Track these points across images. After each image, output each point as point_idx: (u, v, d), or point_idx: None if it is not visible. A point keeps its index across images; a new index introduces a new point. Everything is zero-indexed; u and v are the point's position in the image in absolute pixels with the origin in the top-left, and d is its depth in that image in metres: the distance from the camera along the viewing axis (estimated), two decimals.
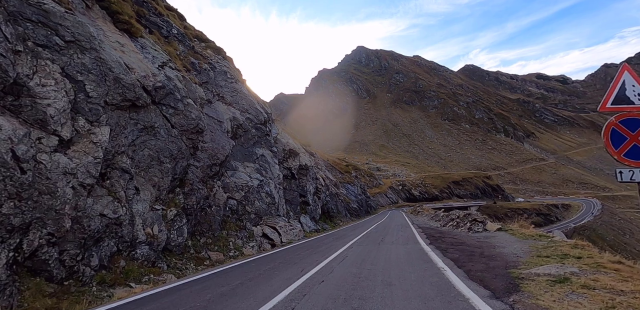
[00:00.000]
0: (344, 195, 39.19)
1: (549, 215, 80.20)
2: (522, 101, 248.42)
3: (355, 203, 40.83)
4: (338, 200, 31.80)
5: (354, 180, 50.90)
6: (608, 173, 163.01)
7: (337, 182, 37.29)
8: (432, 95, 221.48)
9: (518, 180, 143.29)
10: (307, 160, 22.45)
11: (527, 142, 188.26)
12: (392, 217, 31.38)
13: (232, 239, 10.77)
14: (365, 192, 55.10)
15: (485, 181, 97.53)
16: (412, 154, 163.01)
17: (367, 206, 49.58)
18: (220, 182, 12.48)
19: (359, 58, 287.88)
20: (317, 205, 22.67)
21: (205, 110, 13.90)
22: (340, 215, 30.36)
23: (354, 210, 37.35)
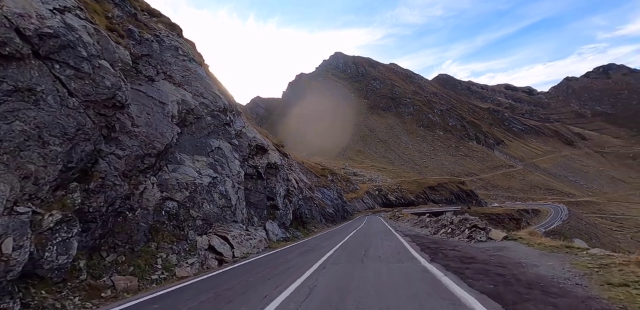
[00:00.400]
0: (319, 199, 36.62)
1: (520, 220, 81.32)
2: (492, 110, 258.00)
3: (331, 208, 38.32)
4: (313, 205, 29.15)
5: (330, 184, 48.49)
6: (572, 180, 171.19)
7: (312, 186, 34.67)
8: (407, 102, 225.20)
9: (489, 186, 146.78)
10: (278, 158, 19.71)
11: (497, 149, 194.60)
12: (371, 222, 29.13)
13: (164, 254, 7.86)
14: (341, 196, 52.78)
15: (459, 187, 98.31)
16: (388, 159, 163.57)
17: (343, 211, 47.21)
18: (155, 178, 9.54)
19: (337, 64, 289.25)
20: (289, 209, 19.91)
21: (143, 88, 10.95)
22: (314, 221, 27.68)
23: (329, 216, 34.80)
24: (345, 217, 47.39)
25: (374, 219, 37.71)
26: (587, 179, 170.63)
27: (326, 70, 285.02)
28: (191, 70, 13.65)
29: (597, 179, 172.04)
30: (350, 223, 35.31)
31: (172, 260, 7.78)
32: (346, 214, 51.31)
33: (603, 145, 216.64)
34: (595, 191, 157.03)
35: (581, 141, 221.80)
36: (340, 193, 52.35)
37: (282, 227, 18.17)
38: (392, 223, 24.83)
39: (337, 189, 50.94)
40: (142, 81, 11.20)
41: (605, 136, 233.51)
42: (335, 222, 36.16)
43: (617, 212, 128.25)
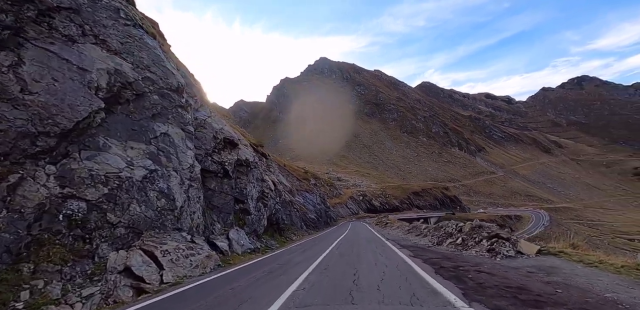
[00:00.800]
0: (300, 204, 33.80)
1: (504, 227, 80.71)
2: (473, 118, 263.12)
3: (313, 213, 35.54)
4: (293, 210, 26.32)
5: (312, 188, 45.79)
6: (550, 186, 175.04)
7: (293, 189, 31.86)
8: (391, 108, 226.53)
9: (472, 192, 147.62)
10: (251, 155, 16.90)
11: (478, 156, 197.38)
12: (356, 229, 26.56)
13: (41, 281, 4.95)
14: (325, 201, 50.11)
15: (443, 192, 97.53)
16: (372, 164, 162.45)
17: (326, 217, 44.50)
18: (55, 167, 6.63)
19: (322, 69, 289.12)
20: (263, 214, 17.06)
21: (55, 48, 8.05)
22: (294, 228, 24.84)
23: (311, 222, 32.01)
24: (328, 223, 44.68)
25: (359, 226, 35.17)
26: (564, 186, 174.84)
27: (311, 75, 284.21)
28: (135, 38, 10.80)
29: (574, 186, 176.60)
30: (334, 229, 32.65)
31: (53, 292, 4.88)
32: (329, 220, 48.62)
33: (578, 153, 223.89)
34: (572, 198, 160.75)
35: (558, 149, 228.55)
36: (323, 198, 49.70)
37: (254, 235, 15.30)
38: (381, 230, 22.35)
39: (320, 194, 48.26)
40: (57, 40, 8.30)
41: (580, 144, 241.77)
42: (317, 228, 33.37)
43: (594, 218, 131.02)
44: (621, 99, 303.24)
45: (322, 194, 50.49)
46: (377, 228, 25.93)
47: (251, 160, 16.50)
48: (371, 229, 25.54)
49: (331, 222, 48.30)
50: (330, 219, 49.77)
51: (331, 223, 48.04)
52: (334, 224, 48.36)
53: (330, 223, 47.56)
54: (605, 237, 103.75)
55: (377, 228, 25.93)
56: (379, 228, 25.39)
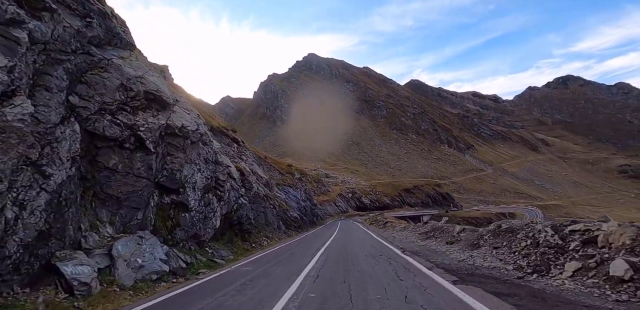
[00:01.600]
0: (280, 199, 28.38)
1: None
2: (462, 116, 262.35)
3: (296, 211, 30.18)
4: (268, 206, 20.89)
5: (297, 183, 40.47)
6: (538, 184, 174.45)
7: (270, 182, 26.39)
8: (381, 105, 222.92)
9: (462, 189, 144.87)
10: (192, 123, 11.36)
11: (467, 153, 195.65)
12: (347, 230, 21.48)
13: None
14: (311, 198, 44.82)
15: (436, 189, 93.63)
16: (361, 161, 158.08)
17: (312, 215, 39.23)
18: None
19: (310, 65, 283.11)
20: (214, 211, 11.63)
21: None
22: (268, 229, 19.44)
23: (293, 221, 26.65)
24: (314, 222, 39.40)
25: (349, 225, 30.03)
26: (552, 183, 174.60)
27: (299, 71, 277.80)
28: None
29: (561, 183, 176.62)
30: (320, 230, 27.39)
31: None
32: (316, 219, 43.38)
33: (565, 151, 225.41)
34: (560, 195, 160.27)
35: (545, 147, 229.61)
36: (309, 194, 44.39)
37: (191, 243, 9.83)
38: (380, 232, 17.33)
39: (305, 190, 42.92)
40: None
41: (566, 142, 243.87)
42: (300, 228, 28.03)
43: (583, 215, 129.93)
44: (604, 99, 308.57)
45: (307, 190, 45.18)
46: (373, 229, 20.87)
47: (192, 129, 11.00)
48: (365, 230, 20.44)
49: (318, 221, 43.07)
50: (316, 217, 44.54)
51: (318, 222, 42.80)
52: (320, 223, 43.12)
53: (317, 222, 42.32)
54: None
55: (373, 229, 20.87)
56: (376, 229, 20.33)
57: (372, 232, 17.66)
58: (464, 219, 76.47)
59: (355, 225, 29.73)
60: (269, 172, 37.13)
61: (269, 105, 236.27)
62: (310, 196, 44.85)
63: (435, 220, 77.52)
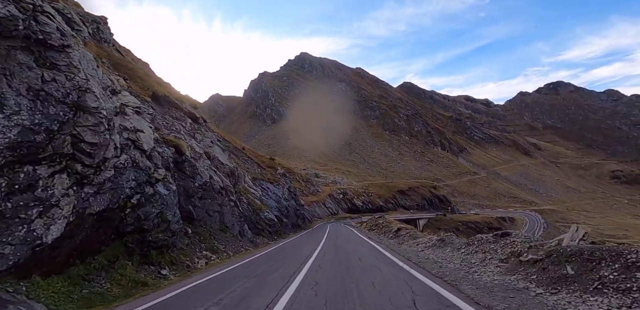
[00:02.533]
0: (254, 196, 22.10)
1: (499, 229, 72.17)
2: (455, 118, 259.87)
3: (274, 211, 23.91)
4: (226, 204, 14.60)
5: (279, 179, 34.23)
6: (531, 188, 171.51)
7: (238, 173, 20.06)
8: (373, 105, 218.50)
9: (456, 192, 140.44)
10: None
11: (461, 156, 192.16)
12: (340, 238, 15.56)
13: None
14: (296, 197, 38.60)
15: (432, 191, 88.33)
16: (353, 162, 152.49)
17: (297, 217, 33.02)
18: None
19: (302, 64, 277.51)
20: (45, 203, 5.32)
21: None
22: (220, 236, 13.14)
23: (268, 224, 20.37)
24: (298, 226, 33.11)
25: (341, 230, 23.97)
26: (545, 188, 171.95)
27: (291, 70, 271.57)
28: None
29: (554, 188, 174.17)
30: (304, 237, 21.22)
31: None
32: (302, 221, 37.12)
33: (557, 156, 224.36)
34: (554, 199, 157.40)
35: (537, 151, 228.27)
36: (294, 193, 38.14)
37: None
38: (395, 246, 11.28)
39: (290, 187, 36.66)
40: None
41: (558, 147, 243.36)
42: (277, 234, 21.74)
43: (579, 221, 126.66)
44: (594, 105, 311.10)
45: (293, 188, 38.90)
46: (379, 239, 14.76)
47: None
48: (365, 239, 14.39)
49: (304, 224, 36.80)
50: (302, 219, 38.27)
51: (304, 225, 36.53)
52: (307, 227, 36.85)
53: (303, 225, 36.04)
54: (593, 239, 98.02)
55: (379, 239, 14.76)
56: (384, 239, 14.19)
57: (374, 243, 11.81)
58: (463, 224, 71.16)
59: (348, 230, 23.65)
60: (245, 165, 30.81)
61: (259, 104, 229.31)
62: (295, 195, 38.60)
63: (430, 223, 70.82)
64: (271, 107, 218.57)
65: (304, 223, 40.02)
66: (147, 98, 15.77)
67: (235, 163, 21.52)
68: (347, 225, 38.93)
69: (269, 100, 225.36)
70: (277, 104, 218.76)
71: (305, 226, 37.02)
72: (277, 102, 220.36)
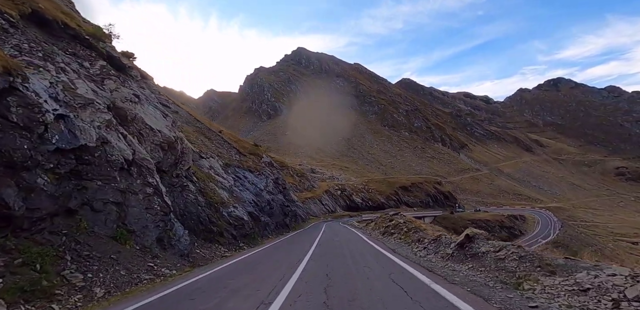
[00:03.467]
0: (220, 186, 15.74)
1: (512, 228, 66.37)
2: (454, 115, 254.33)
3: (248, 207, 17.57)
4: (140, 193, 8.06)
5: (263, 168, 27.87)
6: (535, 185, 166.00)
7: (182, 147, 13.56)
8: (372, 100, 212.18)
9: (458, 189, 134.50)
10: None
11: (462, 152, 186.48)
12: (340, 248, 9.24)
13: None
14: (286, 191, 32.31)
15: (436, 188, 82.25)
16: (351, 158, 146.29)
17: (284, 215, 26.73)
18: None
19: (299, 59, 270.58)
20: None
21: None
22: (114, 250, 6.62)
23: (233, 225, 14.04)
24: (287, 226, 26.76)
25: (340, 233, 17.77)
26: (549, 185, 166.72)
27: (287, 65, 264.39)
28: None
29: (559, 185, 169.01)
30: (285, 245, 14.85)
31: None
32: (293, 220, 30.81)
33: (559, 152, 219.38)
34: (559, 197, 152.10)
35: (539, 148, 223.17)
36: (283, 185, 31.81)
37: None
38: (456, 273, 5.01)
39: (277, 180, 30.32)
40: None
41: (560, 144, 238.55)
42: (252, 238, 15.42)
43: (587, 219, 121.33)
44: (595, 101, 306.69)
45: (282, 181, 32.54)
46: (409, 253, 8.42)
47: None
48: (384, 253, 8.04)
49: (295, 223, 30.48)
50: (294, 217, 31.95)
51: (295, 225, 30.21)
52: (298, 227, 30.52)
53: (293, 224, 29.72)
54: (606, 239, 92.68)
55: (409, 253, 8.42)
56: (424, 257, 7.85)
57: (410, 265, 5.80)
58: (472, 222, 65.01)
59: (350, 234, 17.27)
60: (219, 149, 24.45)
61: (255, 100, 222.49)
62: (285, 188, 32.21)
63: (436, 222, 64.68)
64: (267, 103, 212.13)
65: (295, 222, 33.70)
66: (13, 13, 9.34)
67: (176, 128, 15.03)
68: (346, 224, 32.64)
69: (265, 96, 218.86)
70: (273, 100, 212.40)
71: (295, 226, 30.69)
72: (273, 98, 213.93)
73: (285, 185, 34.26)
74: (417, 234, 10.56)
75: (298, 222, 36.11)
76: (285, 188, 33.46)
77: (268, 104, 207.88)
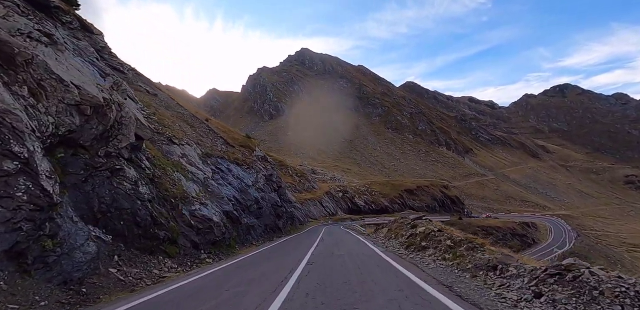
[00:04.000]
0: (189, 177, 11.83)
1: (525, 237, 62.10)
2: (459, 119, 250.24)
3: (226, 205, 13.73)
4: None
5: (254, 162, 24.05)
6: (542, 192, 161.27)
7: (122, 116, 9.77)
8: (376, 102, 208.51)
9: (463, 194, 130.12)
10: None
11: (467, 157, 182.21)
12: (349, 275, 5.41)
13: None
14: (281, 190, 28.50)
15: (443, 191, 78.15)
16: (353, 160, 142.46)
17: (277, 216, 22.91)
18: None
19: (303, 59, 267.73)
20: None
21: None
22: None
23: (196, 229, 10.21)
24: (279, 229, 22.91)
25: (342, 239, 14.14)
26: (556, 192, 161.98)
27: (290, 66, 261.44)
28: None
29: (566, 193, 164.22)
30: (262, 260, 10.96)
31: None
32: (289, 222, 26.95)
33: (566, 159, 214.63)
34: (567, 204, 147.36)
35: (545, 154, 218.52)
36: (278, 183, 27.99)
37: None
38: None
39: (271, 175, 26.46)
40: None
41: (567, 150, 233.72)
42: (225, 246, 11.62)
43: (597, 228, 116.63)
44: (602, 108, 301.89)
45: (277, 178, 28.71)
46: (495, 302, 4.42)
47: None
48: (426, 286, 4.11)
49: (289, 226, 26.62)
50: (290, 219, 28.10)
51: (289, 227, 26.34)
52: (294, 231, 26.66)
53: (288, 228, 25.85)
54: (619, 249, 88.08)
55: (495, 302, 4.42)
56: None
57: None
58: (482, 229, 60.83)
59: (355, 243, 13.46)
60: (201, 137, 20.75)
61: (257, 100, 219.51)
62: (280, 187, 28.35)
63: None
64: (269, 103, 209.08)
65: (292, 224, 29.82)
66: None
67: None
68: (348, 228, 28.69)
69: (267, 96, 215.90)
70: (275, 100, 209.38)
71: (291, 229, 26.80)
72: (275, 98, 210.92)
73: (281, 184, 30.40)
74: (478, 254, 6.38)
75: (295, 225, 32.24)
76: (281, 186, 29.61)
77: (270, 104, 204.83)
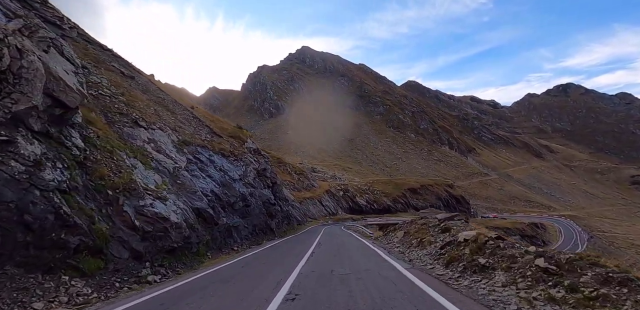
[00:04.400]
0: (153, 166, 8.85)
1: (534, 238, 59.16)
2: (461, 118, 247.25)
3: (197, 201, 10.93)
4: None
5: (244, 154, 21.25)
6: (546, 192, 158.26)
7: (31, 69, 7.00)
8: (377, 101, 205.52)
9: (467, 194, 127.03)
10: None
11: (470, 156, 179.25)
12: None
13: None
14: (276, 187, 25.68)
15: (448, 191, 75.26)
16: (354, 159, 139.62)
17: (269, 216, 20.16)
18: None
19: (303, 58, 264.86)
20: None
21: None
22: None
23: (145, 233, 7.44)
24: (271, 231, 20.13)
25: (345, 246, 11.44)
26: (561, 192, 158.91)
27: (291, 64, 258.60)
28: None
29: (571, 193, 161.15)
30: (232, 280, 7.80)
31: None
32: (284, 222, 24.15)
33: (571, 159, 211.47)
34: (572, 205, 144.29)
35: (549, 154, 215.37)
36: (272, 179, 25.15)
37: None
38: None
39: (264, 169, 23.59)
40: None
41: (571, 150, 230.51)
42: (191, 256, 8.88)
43: (604, 229, 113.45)
44: (606, 108, 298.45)
45: (271, 173, 25.82)
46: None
47: None
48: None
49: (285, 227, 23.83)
50: (287, 219, 25.31)
51: (285, 228, 23.56)
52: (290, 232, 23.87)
53: (283, 228, 23.07)
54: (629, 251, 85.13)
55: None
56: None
57: None
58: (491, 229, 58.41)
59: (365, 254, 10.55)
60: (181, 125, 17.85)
61: (257, 98, 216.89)
62: (275, 183, 25.49)
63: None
64: (269, 101, 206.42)
65: (288, 224, 27.02)
66: None
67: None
68: (350, 230, 25.85)
69: (267, 94, 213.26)
70: (275, 98, 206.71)
71: (287, 230, 24.00)
72: (275, 96, 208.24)
73: (277, 180, 27.54)
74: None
75: (292, 225, 29.46)
76: (276, 183, 26.76)
77: (270, 103, 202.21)
